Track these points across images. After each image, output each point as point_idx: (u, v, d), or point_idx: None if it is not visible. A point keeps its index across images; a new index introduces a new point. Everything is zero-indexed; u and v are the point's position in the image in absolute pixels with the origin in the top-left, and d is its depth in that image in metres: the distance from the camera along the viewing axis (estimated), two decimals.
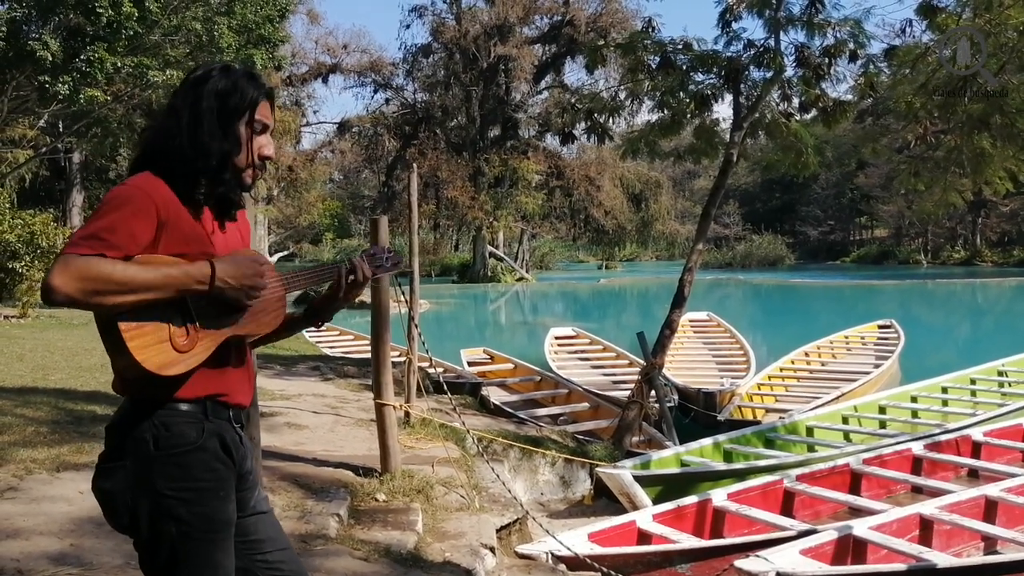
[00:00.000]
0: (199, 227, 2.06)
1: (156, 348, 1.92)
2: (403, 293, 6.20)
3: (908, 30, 10.10)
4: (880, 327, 16.38)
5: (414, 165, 7.28)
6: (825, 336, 15.76)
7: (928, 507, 6.00)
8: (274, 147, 2.22)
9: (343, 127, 47.48)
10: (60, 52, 14.76)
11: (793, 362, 13.81)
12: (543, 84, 47.02)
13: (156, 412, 2.00)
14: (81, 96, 15.93)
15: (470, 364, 13.16)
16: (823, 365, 14.05)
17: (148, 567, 2.06)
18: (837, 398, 11.06)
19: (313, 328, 2.44)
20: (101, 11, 14.69)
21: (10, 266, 15.65)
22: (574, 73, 48.35)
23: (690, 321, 16.61)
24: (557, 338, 15.67)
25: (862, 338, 15.90)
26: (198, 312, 2.00)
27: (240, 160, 2.12)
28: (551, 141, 45.76)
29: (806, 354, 14.45)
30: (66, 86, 15.46)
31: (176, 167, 2.04)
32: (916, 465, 7.86)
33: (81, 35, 15.15)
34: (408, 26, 61.96)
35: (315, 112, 51.11)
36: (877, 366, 13.37)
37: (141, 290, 1.87)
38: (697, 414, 10.76)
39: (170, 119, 2.09)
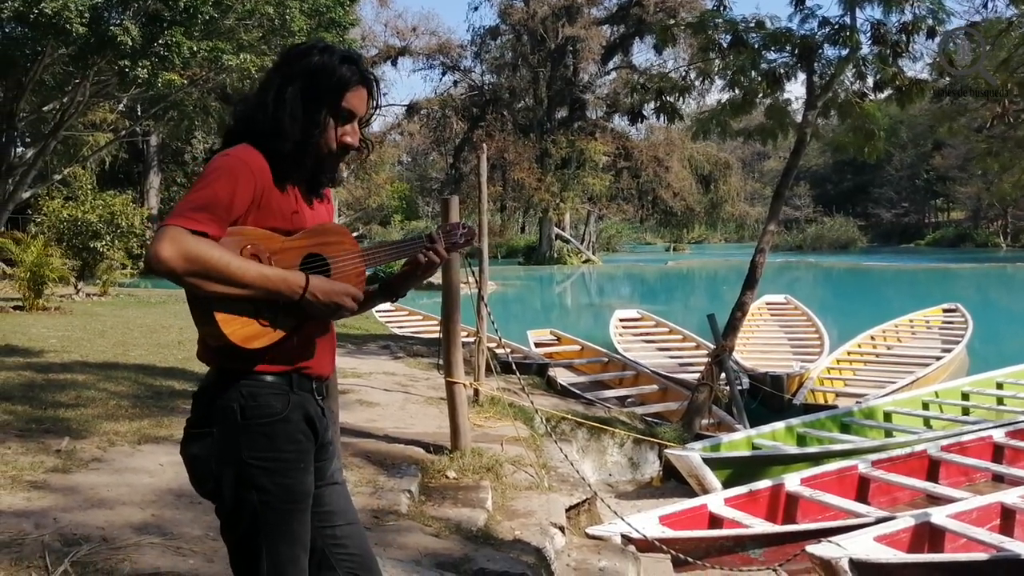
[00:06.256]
0: (287, 202, 2.07)
1: (242, 321, 1.95)
2: (472, 274, 6.23)
3: (990, 5, 9.80)
4: (945, 311, 15.92)
5: (483, 146, 7.27)
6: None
7: (1010, 496, 5.85)
8: (358, 136, 2.16)
9: (411, 109, 47.76)
10: (139, 37, 15.09)
11: (860, 346, 13.57)
12: (611, 65, 46.72)
13: (243, 382, 2.03)
14: (159, 80, 16.32)
15: (537, 345, 13.17)
16: (888, 349, 13.78)
17: (228, 534, 2.09)
18: (911, 383, 10.82)
19: (387, 305, 2.45)
20: None
21: (92, 246, 16.14)
22: (642, 53, 48.26)
23: (767, 304, 16.42)
24: (622, 320, 15.57)
25: (927, 322, 15.48)
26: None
27: (322, 145, 2.09)
28: (619, 122, 45.53)
29: (872, 338, 14.16)
30: (145, 70, 15.85)
31: (260, 142, 2.04)
32: (997, 453, 7.66)
33: (159, 20, 15.48)
34: (476, 8, 62.55)
35: (384, 94, 51.50)
36: (946, 350, 13.02)
37: (238, 286, 1.90)
38: (765, 397, 10.63)
39: (261, 93, 2.09)
